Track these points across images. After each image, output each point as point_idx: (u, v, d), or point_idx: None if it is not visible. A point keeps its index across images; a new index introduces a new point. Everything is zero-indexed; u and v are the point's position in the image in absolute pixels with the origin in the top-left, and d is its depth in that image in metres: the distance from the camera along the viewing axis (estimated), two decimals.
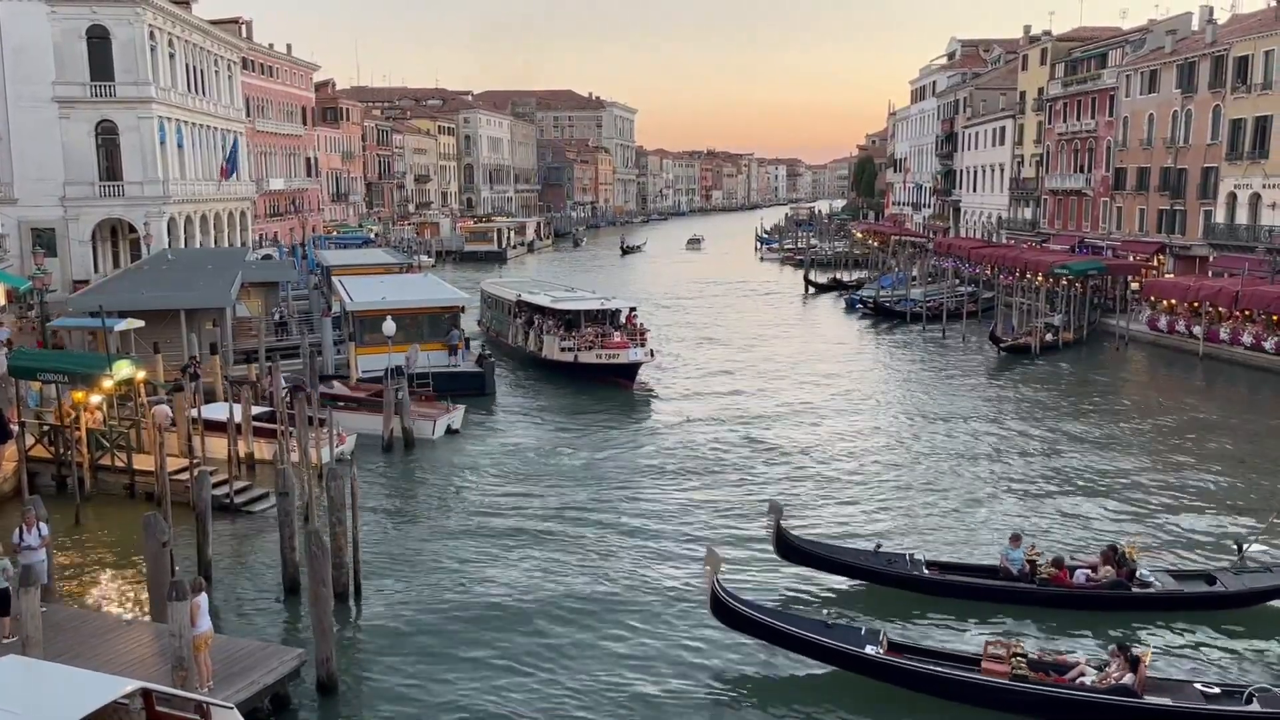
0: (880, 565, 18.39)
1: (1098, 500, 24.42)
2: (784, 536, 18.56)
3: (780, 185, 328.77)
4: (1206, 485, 25.59)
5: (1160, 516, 23.27)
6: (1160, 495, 24.80)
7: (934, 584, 18.13)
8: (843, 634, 15.32)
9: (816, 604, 18.33)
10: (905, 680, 14.67)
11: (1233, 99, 50.18)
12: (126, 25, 52.64)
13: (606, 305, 40.37)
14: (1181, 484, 25.61)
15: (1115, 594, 17.47)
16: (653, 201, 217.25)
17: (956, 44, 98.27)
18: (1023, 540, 18.65)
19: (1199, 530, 22.31)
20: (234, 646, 14.72)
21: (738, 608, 15.53)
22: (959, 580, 18.22)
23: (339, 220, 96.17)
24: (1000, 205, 78.57)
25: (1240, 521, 22.59)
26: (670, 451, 29.14)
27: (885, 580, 18.32)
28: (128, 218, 54.43)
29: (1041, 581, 17.70)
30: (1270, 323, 40.98)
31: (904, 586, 18.14)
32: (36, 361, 25.21)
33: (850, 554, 18.93)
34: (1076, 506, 23.95)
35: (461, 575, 19.81)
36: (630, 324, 39.59)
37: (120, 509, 22.93)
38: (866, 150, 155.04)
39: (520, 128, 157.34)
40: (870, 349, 48.48)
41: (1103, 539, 20.93)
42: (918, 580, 18.13)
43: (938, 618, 17.63)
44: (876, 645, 14.94)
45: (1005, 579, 17.94)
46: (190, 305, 35.22)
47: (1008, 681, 14.17)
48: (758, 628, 15.60)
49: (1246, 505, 23.90)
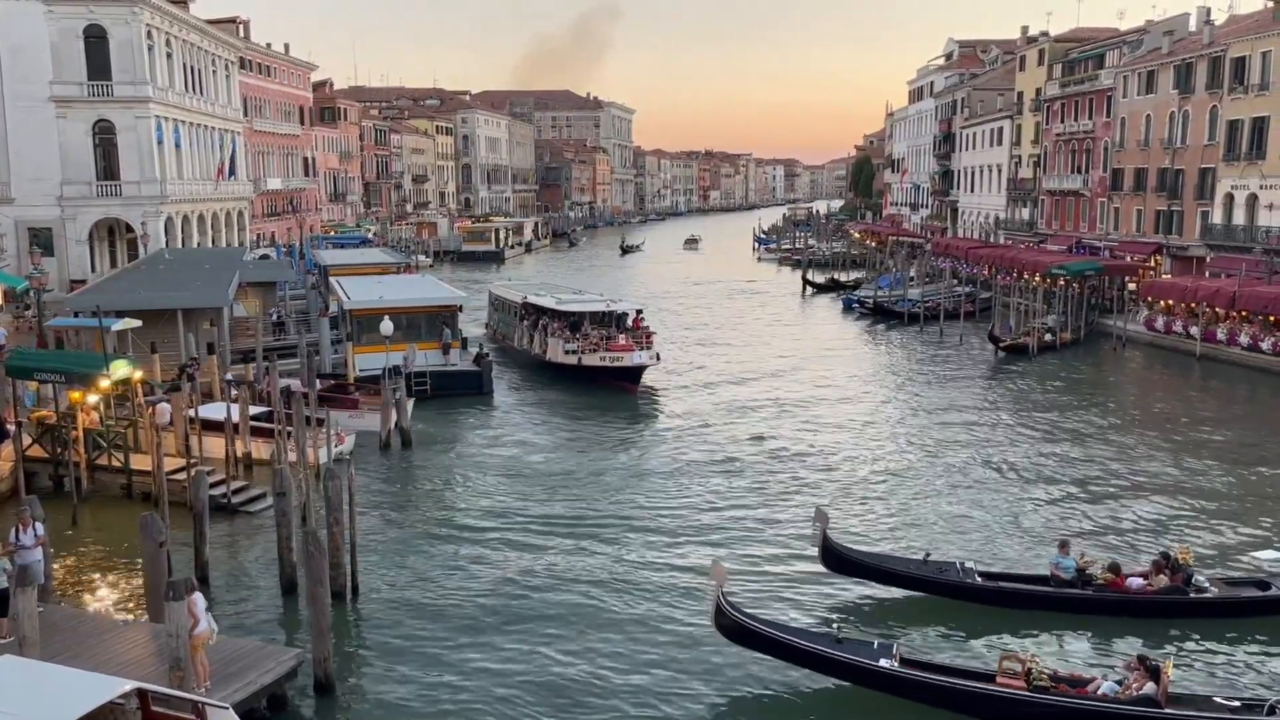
0: (932, 575, 17.92)
1: (1112, 503, 24.20)
2: (832, 547, 17.92)
3: (778, 185, 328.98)
4: (1220, 488, 25.31)
5: (1184, 519, 22.98)
6: (1180, 499, 24.47)
7: (988, 593, 17.67)
8: (854, 648, 14.80)
9: (863, 617, 17.89)
10: (921, 694, 14.24)
11: (1230, 100, 50.24)
12: (124, 25, 52.55)
13: (613, 307, 39.86)
14: (1197, 488, 25.29)
15: (1173, 600, 17.13)
16: (651, 202, 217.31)
17: (954, 45, 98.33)
18: (1072, 547, 18.27)
19: (1226, 535, 22.04)
20: (231, 647, 14.70)
21: (744, 621, 14.94)
22: (1014, 588, 17.77)
23: (337, 220, 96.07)
24: (998, 206, 78.62)
25: (1262, 524, 22.45)
26: (668, 453, 29.13)
27: (938, 590, 17.84)
28: (125, 217, 54.35)
29: (1097, 588, 17.30)
30: (1267, 323, 41.03)
31: (957, 596, 17.69)
32: (34, 361, 25.17)
33: (901, 564, 18.41)
34: (1096, 511, 23.64)
35: (458, 576, 19.78)
36: (637, 326, 39.01)
37: (117, 509, 22.90)
38: (864, 151, 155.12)
39: (518, 128, 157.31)
40: (870, 350, 48.49)
41: (1130, 542, 20.83)
42: (972, 589, 17.67)
43: (991, 627, 17.18)
44: (890, 659, 14.48)
45: (1058, 586, 17.56)
46: (188, 305, 35.20)
47: (1026, 693, 13.79)
48: (764, 642, 15.01)
49: (1261, 509, 23.70)
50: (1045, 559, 18.89)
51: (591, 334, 37.81)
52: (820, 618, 17.72)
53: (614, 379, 36.74)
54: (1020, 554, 20.74)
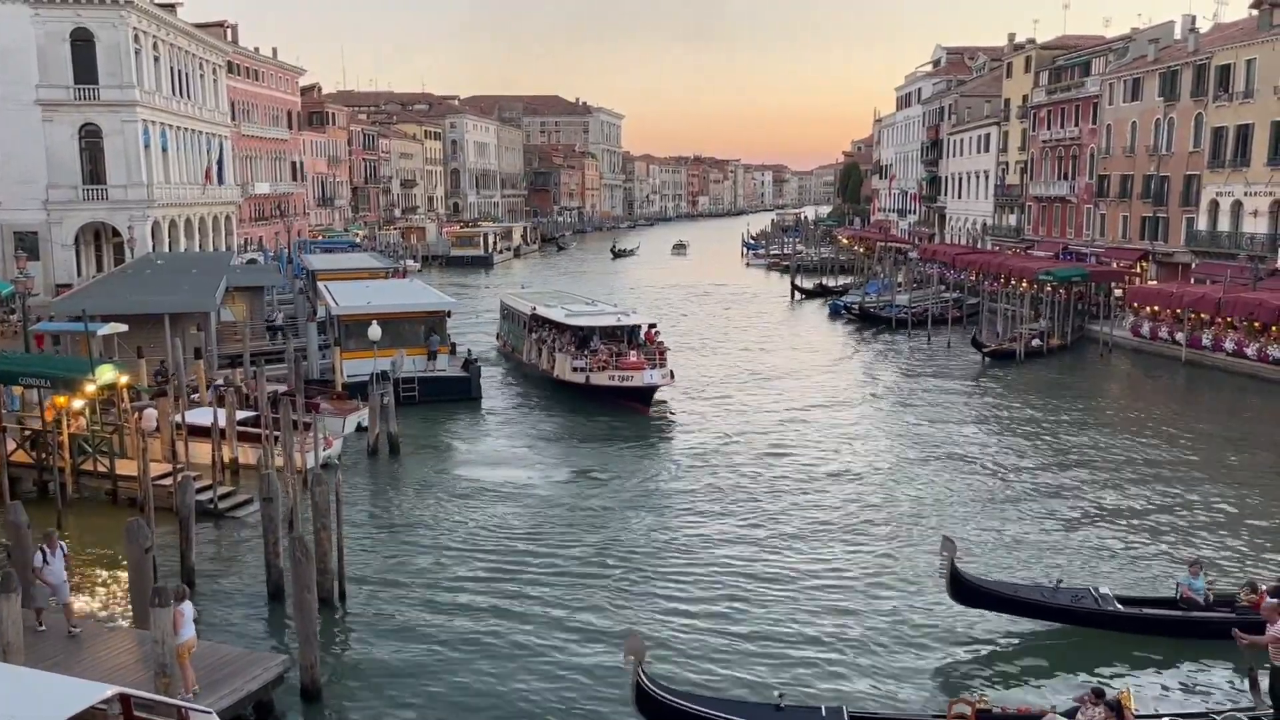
0: (1067, 602, 16.93)
1: (1105, 519, 24.11)
2: (960, 577, 16.81)
3: (767, 191, 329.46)
4: (1225, 503, 24.84)
5: (1209, 528, 22.74)
6: (1201, 509, 24.14)
7: (1129, 620, 16.80)
8: (798, 715, 13.58)
9: (997, 651, 16.88)
10: None
11: (1215, 107, 50.59)
12: (111, 28, 52.40)
13: (624, 321, 37.24)
14: (1206, 502, 24.74)
15: None
16: (639, 207, 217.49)
17: (942, 51, 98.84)
18: (1202, 568, 17.47)
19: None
20: (217, 653, 14.63)
21: (670, 701, 13.33)
22: (1156, 615, 16.87)
23: (325, 225, 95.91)
24: (985, 212, 78.97)
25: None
26: (660, 465, 29.05)
27: (1074, 619, 16.87)
28: (111, 221, 54.17)
29: (1241, 610, 16.23)
30: (1251, 329, 41.28)
31: (1094, 625, 16.78)
32: (18, 365, 24.99)
33: (1035, 592, 17.35)
34: (1110, 525, 23.46)
35: (445, 583, 19.73)
36: (650, 341, 36.48)
37: (102, 514, 22.77)
38: (852, 157, 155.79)
39: (507, 133, 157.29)
40: (859, 357, 48.39)
41: (1151, 552, 20.77)
42: (1113, 617, 16.77)
43: (1135, 658, 16.29)
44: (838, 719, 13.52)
45: (1188, 609, 16.76)
46: (174, 310, 35.04)
47: None
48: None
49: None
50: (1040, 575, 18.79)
51: (601, 350, 35.15)
52: (946, 653, 16.78)
53: (624, 399, 34.41)
54: (1031, 571, 20.01)
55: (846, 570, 20.30)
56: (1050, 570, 19.71)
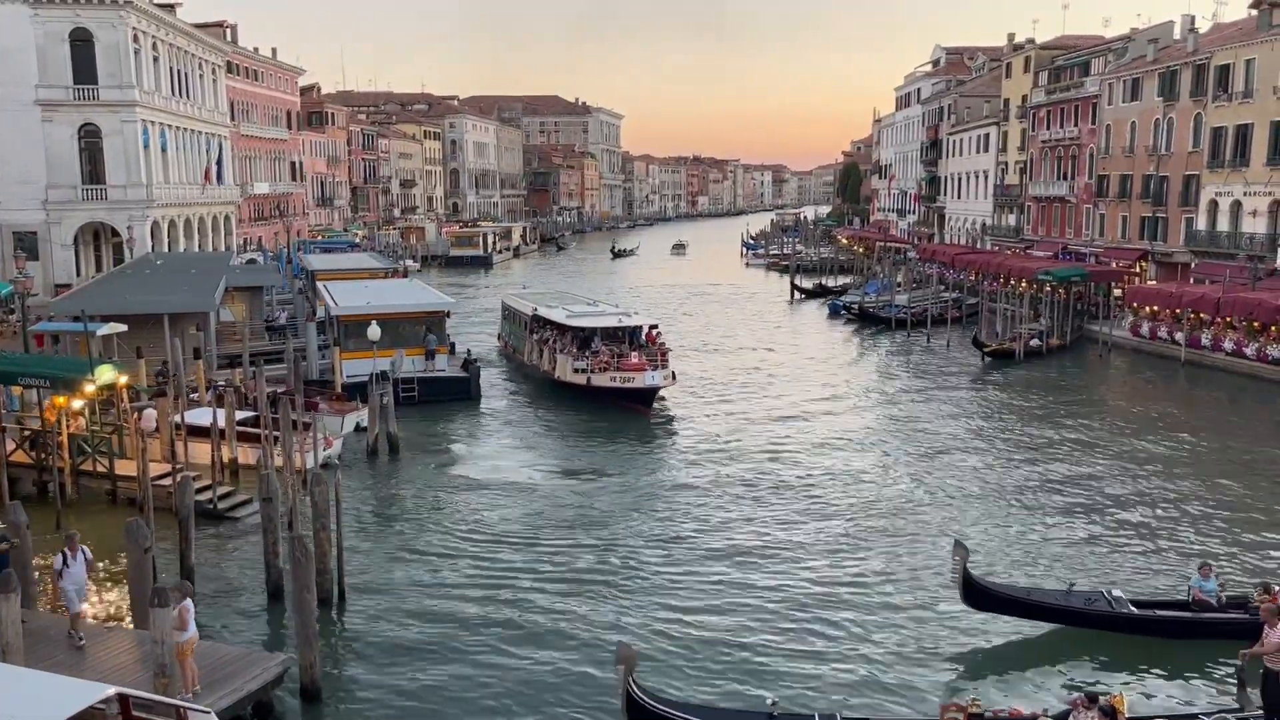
0: (1080, 606, 16.89)
1: (1113, 519, 24.02)
2: (973, 582, 16.72)
3: (766, 191, 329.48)
4: (1229, 503, 24.82)
5: (1214, 531, 22.65)
6: (1202, 509, 24.16)
7: (1142, 622, 16.71)
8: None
9: (997, 654, 16.83)
10: None
11: (1214, 107, 50.61)
12: (110, 28, 52.39)
13: (625, 322, 37.27)
14: (1209, 502, 24.72)
15: None
16: (639, 207, 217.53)
17: (941, 52, 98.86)
18: (1212, 570, 17.40)
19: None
20: (217, 653, 14.64)
21: (658, 709, 13.33)
22: (1170, 616, 16.77)
23: (324, 225, 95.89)
24: (984, 212, 78.99)
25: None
26: (659, 461, 29.10)
27: (1087, 623, 16.81)
28: (111, 221, 54.15)
29: (1254, 611, 15.84)
30: (1251, 329, 41.29)
31: (1108, 628, 16.75)
32: (18, 366, 24.99)
33: (1048, 596, 17.31)
34: (1114, 528, 23.36)
35: (445, 582, 19.73)
36: (651, 342, 36.43)
37: (102, 515, 22.78)
38: (852, 157, 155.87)
39: (506, 133, 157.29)
40: (857, 357, 48.42)
41: (1159, 549, 20.72)
42: (1126, 620, 16.73)
43: (1149, 659, 16.25)
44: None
45: (1199, 611, 16.69)
46: (174, 310, 35.06)
47: None
48: None
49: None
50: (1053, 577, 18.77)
51: (602, 351, 35.17)
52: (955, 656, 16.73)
53: (625, 400, 34.29)
54: (1044, 573, 19.94)
55: (844, 573, 20.29)
56: (1057, 572, 19.68)
